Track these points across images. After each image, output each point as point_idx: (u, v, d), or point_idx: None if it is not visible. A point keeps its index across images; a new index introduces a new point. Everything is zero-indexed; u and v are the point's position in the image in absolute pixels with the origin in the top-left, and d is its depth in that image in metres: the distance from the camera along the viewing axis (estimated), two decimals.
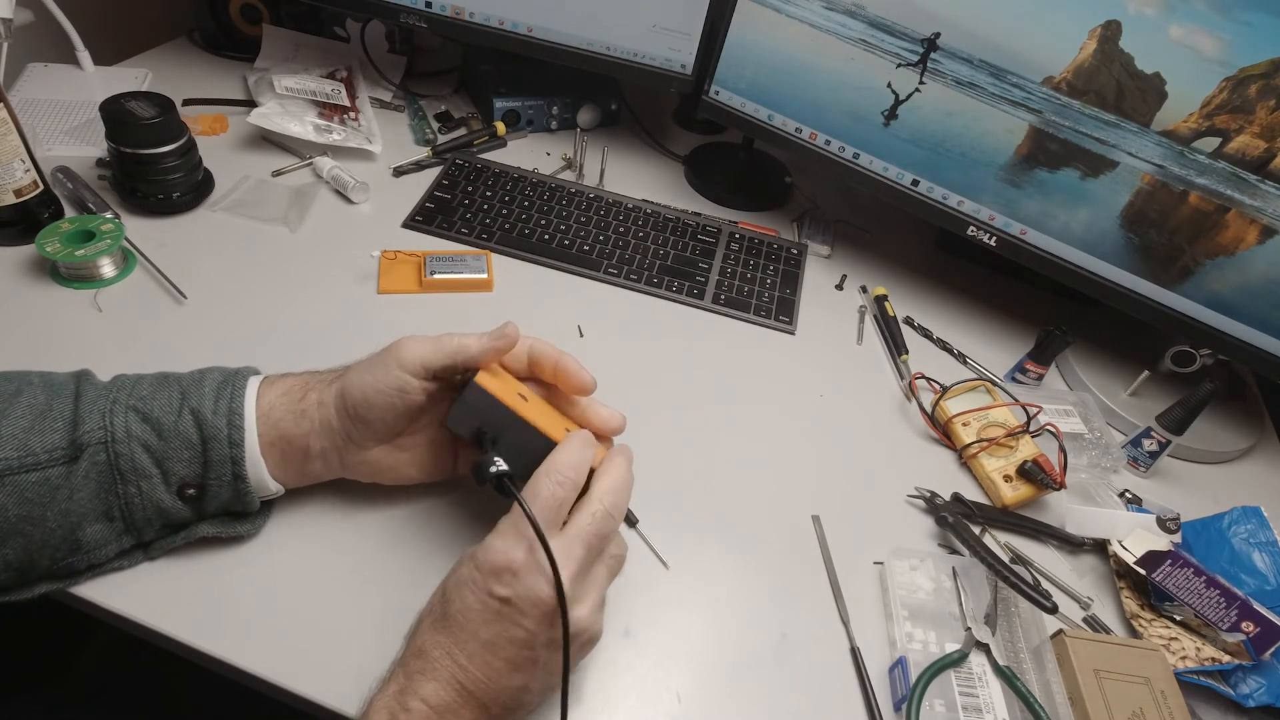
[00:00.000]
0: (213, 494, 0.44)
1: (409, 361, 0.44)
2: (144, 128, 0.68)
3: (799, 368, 0.71)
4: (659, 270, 0.77)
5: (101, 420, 0.42)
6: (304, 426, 0.45)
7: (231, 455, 0.43)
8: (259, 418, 0.45)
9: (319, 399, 0.46)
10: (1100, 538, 0.59)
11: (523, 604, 0.38)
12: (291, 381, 0.47)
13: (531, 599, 0.38)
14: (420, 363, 0.45)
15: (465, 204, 0.80)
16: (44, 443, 0.41)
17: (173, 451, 0.43)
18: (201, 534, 0.46)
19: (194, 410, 0.43)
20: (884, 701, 0.48)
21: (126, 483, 0.42)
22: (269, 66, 0.92)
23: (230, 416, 0.43)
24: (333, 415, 0.45)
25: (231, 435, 0.43)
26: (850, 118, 0.78)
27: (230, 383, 0.45)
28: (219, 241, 0.71)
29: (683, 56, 0.86)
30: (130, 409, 0.43)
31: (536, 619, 0.38)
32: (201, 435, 0.43)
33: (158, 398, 0.43)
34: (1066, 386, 0.76)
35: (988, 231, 0.75)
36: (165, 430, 0.43)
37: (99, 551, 0.43)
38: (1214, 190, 0.63)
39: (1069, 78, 0.66)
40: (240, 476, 0.44)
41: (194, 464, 0.43)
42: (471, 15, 0.86)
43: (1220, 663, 0.52)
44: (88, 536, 0.42)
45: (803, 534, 0.57)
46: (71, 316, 0.61)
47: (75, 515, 0.41)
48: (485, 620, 0.38)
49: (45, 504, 0.41)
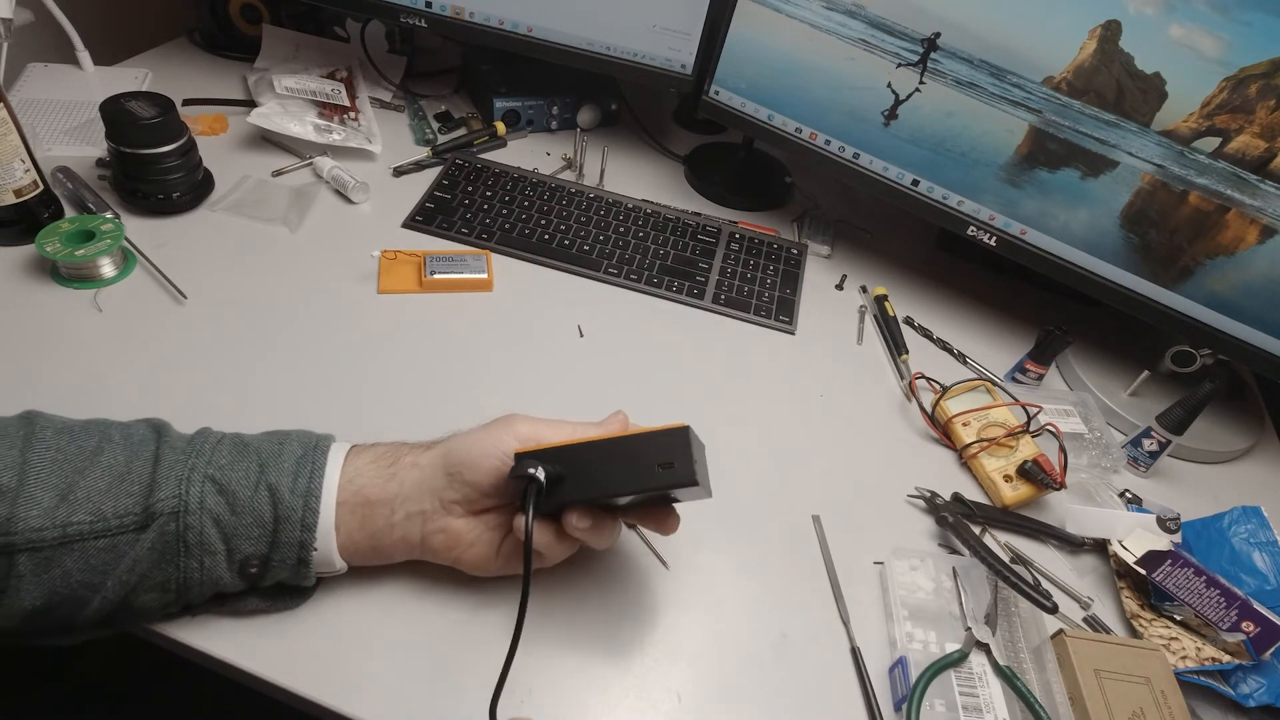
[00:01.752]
0: (273, 572, 0.43)
1: (525, 433, 0.44)
2: (144, 128, 0.68)
3: (799, 368, 0.71)
4: (659, 270, 0.77)
5: (177, 488, 0.40)
6: (391, 490, 0.44)
7: (301, 539, 0.42)
8: (341, 485, 0.43)
9: (413, 461, 0.45)
10: (1100, 538, 0.59)
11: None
12: (382, 449, 0.46)
13: None
14: (534, 437, 0.44)
15: (465, 204, 0.80)
16: (117, 508, 0.40)
17: (243, 529, 0.41)
18: (249, 609, 0.45)
19: (271, 487, 0.42)
20: (884, 701, 0.48)
21: (190, 556, 0.41)
22: (269, 66, 0.92)
23: (307, 498, 0.42)
24: (428, 476, 0.44)
25: (305, 519, 0.42)
26: (850, 118, 0.78)
27: (311, 457, 0.43)
28: (219, 241, 0.71)
29: (683, 56, 0.86)
30: (207, 478, 0.41)
31: None
32: (275, 514, 0.42)
33: (236, 468, 0.42)
34: (1066, 386, 0.76)
35: (988, 231, 0.75)
36: (240, 505, 0.41)
37: (145, 618, 0.43)
38: (1214, 190, 0.63)
39: (1069, 78, 0.66)
40: (305, 561, 0.43)
41: (261, 542, 0.42)
42: (471, 15, 0.86)
43: (1220, 663, 0.52)
44: (139, 604, 0.41)
45: (803, 534, 0.57)
46: (71, 316, 0.61)
47: (131, 584, 0.40)
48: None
49: (107, 571, 0.39)
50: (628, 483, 0.41)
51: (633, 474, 0.41)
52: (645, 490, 0.42)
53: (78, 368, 0.57)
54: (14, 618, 0.38)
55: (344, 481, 0.43)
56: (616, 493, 0.42)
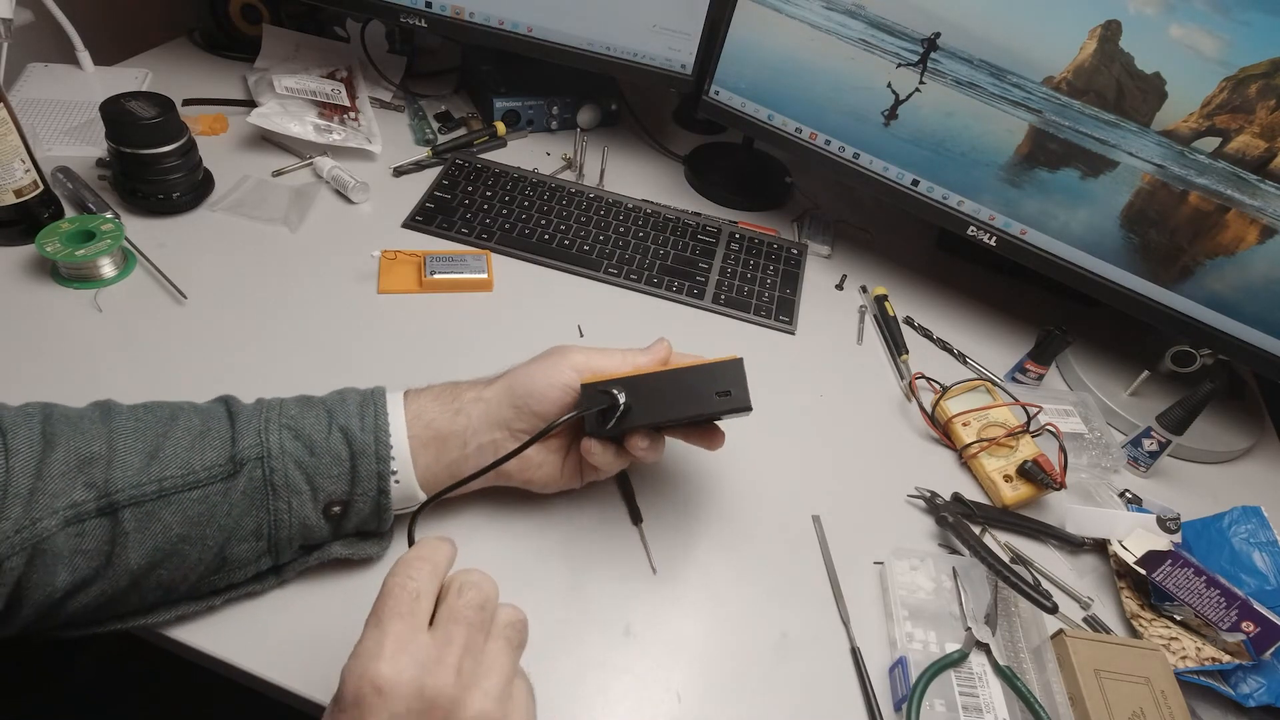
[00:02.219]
0: (355, 510, 0.45)
1: (580, 363, 0.48)
2: (144, 128, 0.68)
3: (799, 367, 0.71)
4: (659, 270, 0.77)
5: (258, 437, 0.43)
6: (460, 423, 0.47)
7: (378, 470, 0.44)
8: (409, 420, 0.46)
9: (475, 395, 0.48)
10: (1100, 538, 0.59)
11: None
12: (439, 388, 0.49)
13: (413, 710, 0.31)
14: (589, 366, 0.48)
15: (465, 204, 0.80)
16: (204, 460, 0.42)
17: (323, 467, 0.44)
18: (334, 555, 0.47)
19: (342, 428, 0.44)
20: (884, 701, 0.48)
21: (278, 498, 0.43)
22: (269, 66, 0.92)
23: (377, 432, 0.45)
24: (494, 409, 0.48)
25: (379, 450, 0.44)
26: (850, 118, 0.78)
27: (371, 400, 0.46)
28: (219, 241, 0.71)
29: (683, 56, 0.86)
30: (283, 426, 0.44)
31: None
32: (350, 451, 0.44)
33: (306, 417, 0.45)
34: (1066, 386, 0.76)
35: (988, 231, 0.75)
36: (317, 447, 0.44)
37: (240, 571, 0.44)
38: (1214, 190, 0.63)
39: (1069, 77, 0.66)
40: (384, 491, 0.45)
41: (342, 480, 0.44)
42: (471, 15, 0.86)
43: (1220, 663, 0.52)
44: (235, 554, 0.43)
45: (803, 534, 0.57)
46: (71, 316, 0.61)
47: (228, 531, 0.42)
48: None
49: (205, 522, 0.41)
50: (689, 408, 0.47)
51: (694, 401, 0.47)
52: (705, 415, 0.48)
53: (78, 368, 0.57)
54: (123, 577, 0.40)
55: (411, 418, 0.46)
56: (679, 418, 0.47)
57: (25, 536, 0.37)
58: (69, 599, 0.39)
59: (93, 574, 0.39)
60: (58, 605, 0.39)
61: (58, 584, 0.38)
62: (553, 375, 0.47)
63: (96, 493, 0.39)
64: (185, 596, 0.44)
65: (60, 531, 0.38)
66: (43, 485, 0.38)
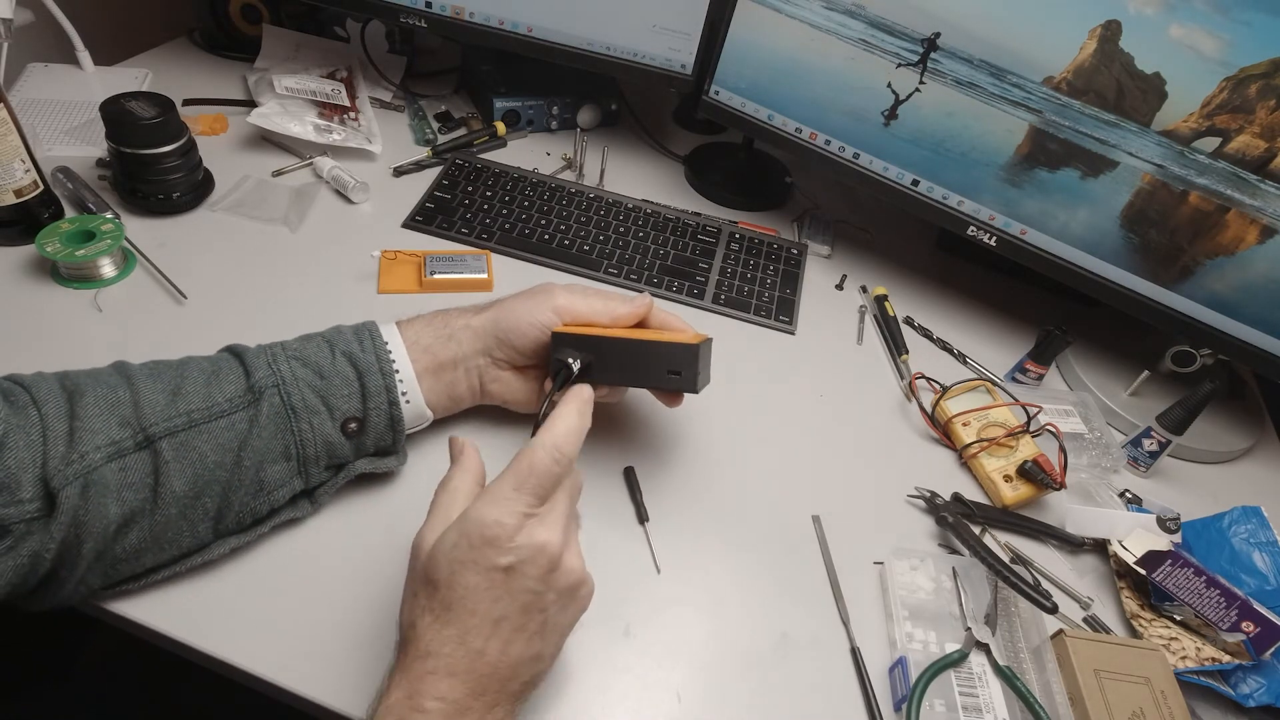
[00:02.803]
0: (371, 425, 0.49)
1: (562, 306, 0.53)
2: (144, 128, 0.68)
3: (799, 368, 0.71)
4: (659, 270, 0.77)
5: (269, 368, 0.46)
6: (452, 349, 0.52)
7: (386, 384, 0.48)
8: (408, 346, 0.51)
9: (465, 324, 0.53)
10: (1100, 538, 0.59)
11: (526, 567, 0.37)
12: (429, 315, 0.54)
13: (534, 559, 0.37)
14: (570, 310, 0.53)
15: (465, 204, 0.80)
16: (225, 393, 0.45)
17: (334, 388, 0.47)
18: (359, 470, 0.50)
19: (345, 353, 0.48)
20: (884, 701, 0.48)
21: (299, 419, 0.46)
22: (269, 66, 0.92)
23: (378, 352, 0.49)
24: (481, 337, 0.53)
25: (383, 366, 0.49)
26: (850, 118, 0.78)
27: (365, 330, 0.50)
28: (219, 241, 0.71)
29: (683, 56, 0.86)
30: (290, 357, 0.47)
31: (540, 577, 0.38)
32: (357, 371, 0.48)
33: (309, 348, 0.48)
34: (1066, 386, 0.76)
35: (988, 231, 0.75)
36: (325, 370, 0.48)
37: (277, 493, 0.47)
38: (1214, 190, 0.63)
39: (1069, 78, 0.66)
40: (394, 403, 0.49)
41: (354, 398, 0.48)
42: (471, 15, 0.86)
43: (1220, 663, 0.52)
44: (269, 476, 0.46)
45: (803, 534, 0.57)
46: (71, 316, 0.61)
47: (260, 453, 0.45)
48: (494, 597, 0.37)
49: (237, 448, 0.44)
50: (641, 380, 0.52)
51: (647, 374, 0.51)
52: (654, 388, 0.54)
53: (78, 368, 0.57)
54: (171, 506, 0.43)
55: (409, 343, 0.51)
56: (630, 384, 0.54)
57: (76, 469, 0.40)
58: (124, 532, 0.42)
59: (141, 505, 0.42)
60: (114, 539, 0.41)
61: (110, 515, 0.40)
62: (535, 314, 0.52)
63: (132, 430, 0.42)
64: (232, 529, 0.46)
65: (105, 465, 0.40)
66: (80, 425, 0.41)
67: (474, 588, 0.37)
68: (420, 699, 0.36)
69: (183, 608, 0.45)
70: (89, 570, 0.41)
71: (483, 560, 0.37)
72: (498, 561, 0.37)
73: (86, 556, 0.40)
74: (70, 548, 0.40)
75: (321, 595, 0.47)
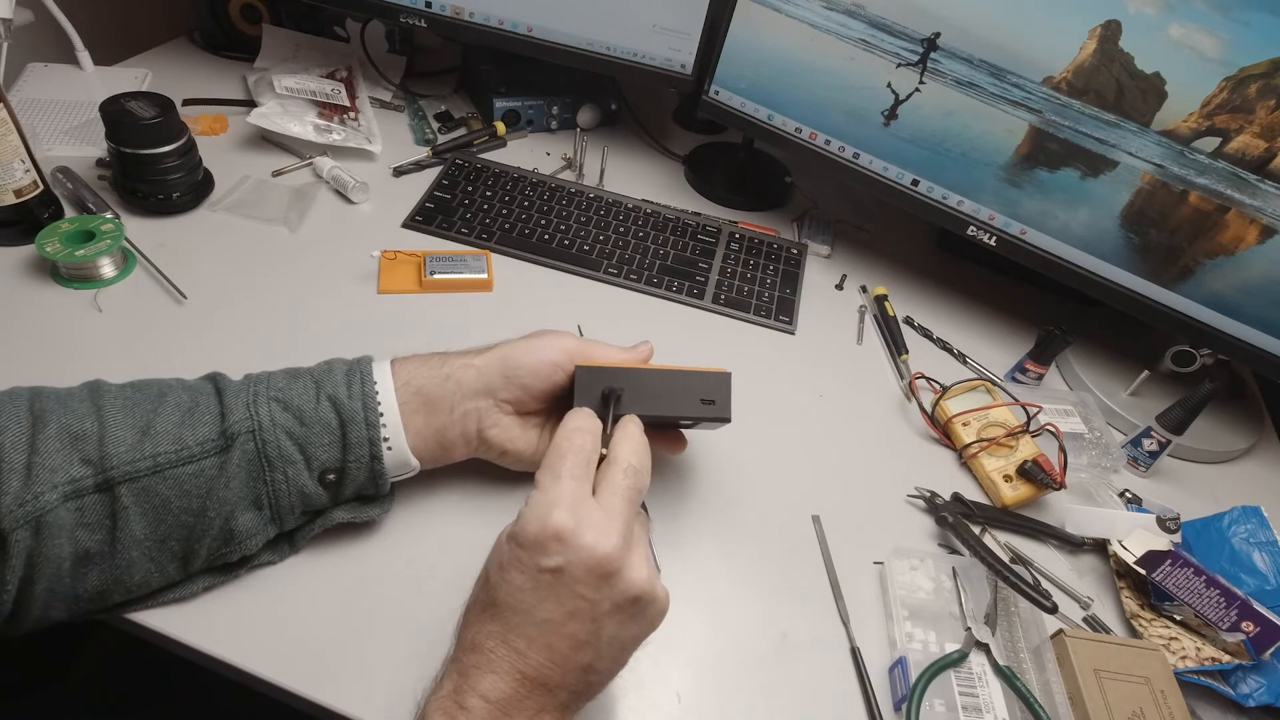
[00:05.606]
0: (350, 477, 0.46)
1: (571, 348, 0.50)
2: (144, 128, 0.68)
3: (799, 368, 0.71)
4: (659, 270, 0.77)
5: (247, 411, 0.44)
6: (449, 389, 0.48)
7: (369, 436, 0.45)
8: (398, 387, 0.47)
9: (465, 363, 0.49)
10: (1100, 538, 0.59)
11: (576, 570, 0.36)
12: (427, 355, 0.50)
13: (585, 563, 0.36)
14: (582, 353, 0.50)
15: (465, 204, 0.80)
16: (196, 436, 0.42)
17: (314, 437, 0.44)
18: (337, 520, 0.47)
19: (330, 397, 0.45)
20: (884, 701, 0.48)
21: (274, 469, 0.44)
22: (269, 66, 0.92)
23: (365, 399, 0.46)
24: (485, 376, 0.49)
25: (368, 417, 0.45)
26: (850, 118, 0.78)
27: (357, 369, 0.47)
28: (219, 241, 0.71)
29: (683, 56, 0.86)
30: (271, 399, 0.44)
31: (593, 584, 0.36)
32: (340, 419, 0.45)
33: (294, 388, 0.45)
34: (1066, 386, 0.76)
35: (988, 231, 0.75)
36: (306, 417, 0.45)
37: (249, 541, 0.44)
38: (1214, 190, 0.63)
39: (1069, 77, 0.66)
40: (376, 457, 0.46)
41: (334, 448, 0.45)
42: (471, 15, 0.86)
43: (1220, 662, 0.52)
44: (240, 526, 0.44)
45: (803, 534, 0.57)
46: (71, 316, 0.61)
47: (229, 504, 0.43)
48: (539, 598, 0.36)
49: (204, 495, 0.42)
50: (674, 408, 0.49)
51: (680, 402, 0.49)
52: (688, 417, 0.50)
53: (78, 368, 0.57)
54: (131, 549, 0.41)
55: (400, 385, 0.47)
56: (664, 415, 0.49)
57: (28, 510, 0.38)
58: (80, 573, 0.40)
59: (98, 547, 0.40)
60: (70, 581, 0.40)
61: (64, 553, 0.39)
62: (544, 353, 0.49)
63: (93, 469, 0.40)
64: (205, 570, 0.45)
65: (60, 506, 0.39)
66: (39, 460, 0.39)
67: (520, 587, 0.36)
68: (464, 695, 0.35)
69: (183, 608, 0.45)
70: (48, 608, 0.40)
71: (530, 561, 0.36)
72: (545, 563, 0.36)
73: (40, 596, 0.39)
74: (25, 587, 0.38)
75: (321, 595, 0.47)
